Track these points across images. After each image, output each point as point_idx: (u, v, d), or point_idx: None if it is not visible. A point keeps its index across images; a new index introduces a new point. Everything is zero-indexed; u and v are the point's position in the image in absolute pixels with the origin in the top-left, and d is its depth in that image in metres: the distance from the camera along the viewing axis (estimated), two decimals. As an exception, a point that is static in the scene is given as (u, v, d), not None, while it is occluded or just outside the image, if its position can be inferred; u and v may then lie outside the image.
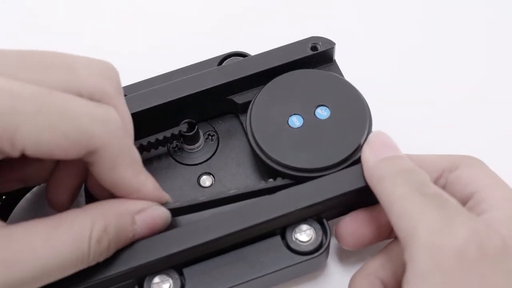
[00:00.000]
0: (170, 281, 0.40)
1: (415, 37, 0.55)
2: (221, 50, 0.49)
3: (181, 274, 0.40)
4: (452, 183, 0.40)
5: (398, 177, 0.37)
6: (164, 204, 0.40)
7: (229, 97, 0.46)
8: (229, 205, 0.42)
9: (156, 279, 0.40)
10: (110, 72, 0.38)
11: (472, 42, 0.55)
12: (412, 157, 0.41)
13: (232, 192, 0.42)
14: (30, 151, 0.33)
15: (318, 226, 0.41)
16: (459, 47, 0.54)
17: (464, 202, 0.39)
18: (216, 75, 0.46)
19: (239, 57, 0.48)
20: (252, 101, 0.45)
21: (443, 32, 0.55)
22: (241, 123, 0.47)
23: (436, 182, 0.41)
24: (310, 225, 0.41)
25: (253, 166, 0.46)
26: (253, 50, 0.48)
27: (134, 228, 0.38)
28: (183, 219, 0.43)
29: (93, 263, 0.36)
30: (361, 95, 0.45)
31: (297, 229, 0.41)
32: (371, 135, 0.41)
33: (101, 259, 0.36)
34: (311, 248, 0.41)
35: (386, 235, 0.42)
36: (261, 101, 0.45)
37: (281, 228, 0.41)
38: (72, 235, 0.34)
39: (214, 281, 0.40)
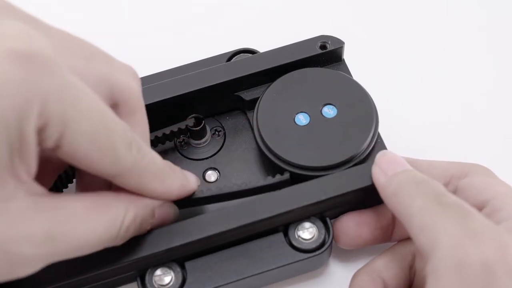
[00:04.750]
0: (172, 274, 0.40)
1: (426, 39, 0.55)
2: (231, 46, 0.49)
3: (183, 267, 0.40)
4: (463, 189, 0.40)
5: (413, 189, 0.37)
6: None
7: (236, 93, 0.46)
8: (232, 200, 0.42)
9: (158, 272, 0.40)
10: (137, 76, 0.38)
11: (485, 46, 0.55)
12: (420, 162, 0.41)
13: (241, 186, 0.42)
14: (64, 151, 0.32)
15: (321, 224, 0.41)
16: (470, 51, 0.54)
17: (477, 209, 0.37)
18: (225, 71, 0.46)
19: (248, 54, 0.49)
20: (260, 98, 0.45)
21: (454, 36, 0.55)
22: (248, 120, 0.47)
23: (445, 188, 0.40)
24: (313, 223, 0.41)
25: (259, 163, 0.46)
26: (262, 47, 0.48)
27: (152, 221, 0.39)
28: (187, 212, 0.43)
29: (113, 245, 0.37)
30: (369, 95, 0.45)
31: (300, 227, 0.41)
32: (377, 156, 0.40)
33: (120, 243, 0.37)
34: (313, 246, 0.41)
35: (385, 238, 0.42)
36: (269, 98, 0.45)
37: (284, 225, 0.41)
38: (107, 219, 0.35)
39: (216, 275, 0.40)
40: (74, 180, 0.43)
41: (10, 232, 0.31)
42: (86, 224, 0.34)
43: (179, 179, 0.39)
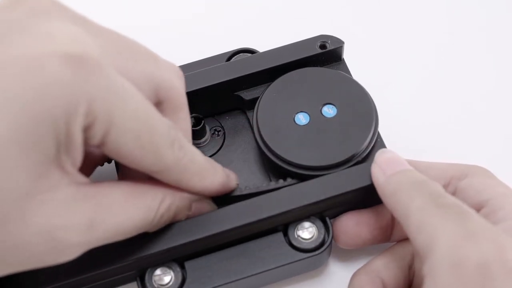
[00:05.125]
0: (172, 273, 0.40)
1: (426, 39, 0.55)
2: (230, 46, 0.49)
3: (182, 267, 0.41)
4: (463, 190, 0.40)
5: (411, 189, 0.37)
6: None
7: (236, 93, 0.46)
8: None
9: (158, 272, 0.40)
10: (181, 75, 0.39)
11: (484, 46, 0.55)
12: (420, 163, 0.41)
13: (278, 184, 0.42)
14: (108, 147, 0.34)
15: (321, 224, 0.41)
16: (470, 51, 0.54)
17: (476, 209, 0.38)
18: (225, 71, 0.46)
19: (247, 54, 0.49)
20: (259, 98, 0.45)
21: (454, 36, 0.55)
22: (248, 119, 0.47)
23: (444, 189, 0.40)
24: (313, 222, 0.41)
25: (259, 163, 0.46)
26: (262, 47, 0.48)
27: (189, 214, 0.39)
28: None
29: (147, 231, 0.38)
30: (369, 94, 0.45)
31: (299, 226, 0.41)
32: (376, 155, 0.41)
33: (153, 230, 0.38)
34: (313, 245, 0.41)
35: (384, 238, 0.42)
36: (268, 97, 0.45)
37: (283, 224, 0.41)
38: (144, 206, 0.36)
39: (215, 275, 0.40)
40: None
41: (55, 220, 0.32)
42: (124, 212, 0.35)
43: (219, 177, 0.40)
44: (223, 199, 0.41)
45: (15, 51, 0.30)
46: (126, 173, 0.40)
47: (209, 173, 0.39)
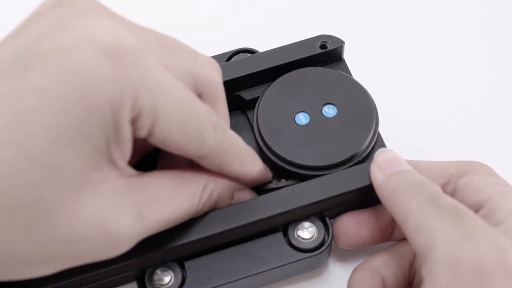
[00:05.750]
0: (172, 273, 0.40)
1: (426, 39, 0.55)
2: (230, 46, 0.49)
3: (182, 267, 0.41)
4: (462, 189, 0.40)
5: (410, 190, 0.37)
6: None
7: (237, 93, 0.46)
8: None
9: (158, 272, 0.40)
10: (219, 69, 0.40)
11: (485, 46, 0.55)
12: (419, 162, 0.41)
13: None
14: (155, 138, 0.34)
15: (321, 224, 0.41)
16: (470, 51, 0.54)
17: (475, 209, 0.38)
18: (225, 71, 0.45)
19: (247, 54, 0.49)
20: (260, 98, 0.45)
21: (454, 35, 0.55)
22: (248, 119, 0.47)
23: (444, 188, 0.40)
24: (313, 222, 0.41)
25: (260, 162, 0.46)
26: (261, 47, 0.48)
27: (230, 202, 0.40)
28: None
29: (190, 218, 0.39)
30: (369, 94, 0.45)
31: (299, 226, 0.41)
32: (376, 154, 0.41)
33: (196, 216, 0.39)
34: (312, 245, 0.41)
35: (384, 238, 0.42)
36: (269, 97, 0.45)
37: (283, 224, 0.41)
38: (189, 194, 0.37)
39: (215, 275, 0.40)
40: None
41: (107, 211, 0.33)
42: (172, 201, 0.36)
43: (259, 163, 0.41)
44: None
45: (57, 47, 0.31)
46: (167, 161, 0.41)
47: (249, 157, 0.40)
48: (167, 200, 0.36)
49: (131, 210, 0.34)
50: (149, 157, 0.42)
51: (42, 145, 0.30)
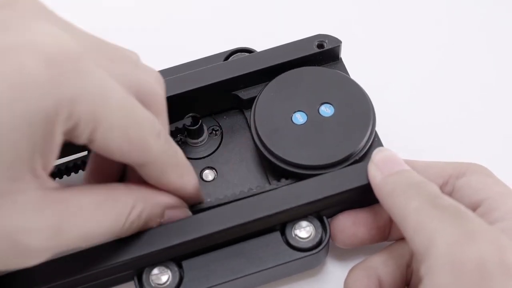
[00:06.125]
0: (169, 273, 0.40)
1: (424, 38, 0.55)
2: (227, 45, 0.49)
3: (180, 266, 0.41)
4: (460, 189, 0.40)
5: (409, 190, 0.37)
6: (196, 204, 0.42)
7: (234, 92, 0.46)
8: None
9: (155, 271, 0.40)
10: (161, 80, 0.39)
11: (484, 46, 0.55)
12: (418, 163, 0.41)
13: (249, 192, 0.42)
14: (96, 145, 0.34)
15: (318, 223, 0.41)
16: (469, 51, 0.54)
17: (472, 208, 0.38)
18: (222, 70, 0.46)
19: (245, 53, 0.49)
20: (257, 97, 0.45)
21: (453, 36, 0.55)
22: (246, 119, 0.47)
23: (442, 188, 0.40)
24: (310, 222, 0.41)
25: (256, 162, 0.46)
26: (258, 46, 0.48)
27: (160, 221, 0.39)
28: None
29: (117, 238, 0.38)
30: (366, 94, 0.45)
31: (296, 226, 0.41)
32: (374, 153, 0.41)
33: (124, 236, 0.38)
34: (310, 244, 0.41)
35: (382, 237, 0.42)
36: (266, 97, 0.45)
37: (281, 224, 0.41)
38: (114, 214, 0.36)
39: (213, 274, 0.40)
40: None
41: (18, 223, 0.32)
42: (93, 219, 0.35)
43: (195, 180, 0.40)
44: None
45: None
46: (96, 174, 0.40)
47: (188, 170, 0.40)
48: (88, 217, 0.35)
49: (47, 224, 0.33)
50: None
51: None
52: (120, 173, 0.40)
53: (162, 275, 0.40)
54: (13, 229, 0.32)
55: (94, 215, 0.35)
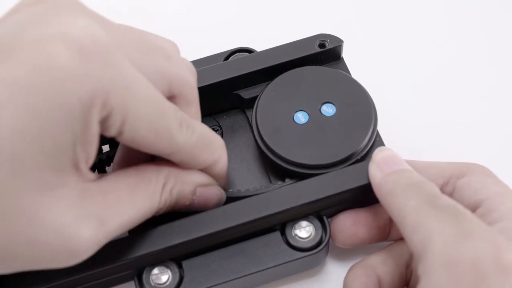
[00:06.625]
0: (169, 273, 0.40)
1: (426, 38, 0.55)
2: (227, 46, 0.49)
3: (180, 266, 0.41)
4: (460, 189, 0.40)
5: (408, 190, 0.37)
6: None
7: (235, 92, 0.46)
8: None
9: (155, 271, 0.40)
10: (194, 71, 0.40)
11: (485, 46, 0.54)
12: (418, 163, 0.41)
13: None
14: (124, 137, 0.34)
15: (318, 223, 0.42)
16: (470, 51, 0.54)
17: (472, 209, 0.38)
18: (224, 70, 0.46)
19: (245, 53, 0.49)
20: (259, 96, 0.45)
21: (454, 35, 0.55)
22: (247, 118, 0.47)
23: (442, 188, 0.40)
24: (310, 221, 0.41)
25: (257, 162, 0.46)
26: (259, 47, 0.48)
27: (192, 198, 0.40)
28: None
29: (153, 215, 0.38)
30: (368, 93, 0.45)
31: (296, 225, 0.41)
32: (375, 153, 0.41)
33: (158, 214, 0.38)
34: (310, 244, 0.41)
35: (382, 237, 0.42)
36: (267, 96, 0.45)
37: (281, 223, 0.41)
38: (149, 194, 0.37)
39: (213, 274, 0.40)
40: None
41: (66, 219, 0.33)
42: (132, 204, 0.36)
43: (225, 158, 0.41)
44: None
45: (32, 41, 0.31)
46: (126, 156, 0.40)
47: (218, 146, 0.40)
48: (127, 203, 0.36)
49: (91, 218, 0.33)
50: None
51: (7, 137, 0.30)
52: (149, 159, 0.41)
53: (162, 275, 0.40)
54: (60, 225, 0.32)
55: (131, 200, 0.36)
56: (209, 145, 0.39)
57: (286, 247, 0.41)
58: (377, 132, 0.44)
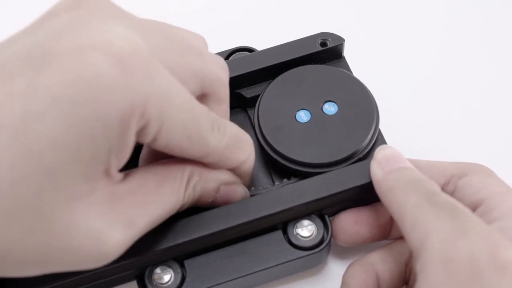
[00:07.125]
0: (171, 272, 0.40)
1: (427, 38, 0.55)
2: (227, 45, 0.49)
3: (182, 266, 0.41)
4: (461, 188, 0.40)
5: (407, 187, 0.37)
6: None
7: (237, 90, 0.46)
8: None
9: (157, 270, 0.40)
10: (226, 68, 0.40)
11: (486, 46, 0.54)
12: (420, 162, 0.41)
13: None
14: (158, 143, 0.34)
15: (320, 222, 0.42)
16: (471, 50, 0.54)
17: (473, 208, 0.38)
18: (226, 68, 0.46)
19: (245, 52, 0.48)
20: (261, 95, 0.45)
21: (455, 35, 0.55)
22: (249, 117, 0.47)
23: (444, 187, 0.40)
24: (312, 220, 0.41)
25: (259, 160, 0.46)
26: (259, 45, 0.48)
27: (215, 196, 0.40)
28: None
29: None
30: (369, 92, 0.45)
31: (298, 224, 0.41)
32: (376, 151, 0.41)
33: (180, 211, 0.39)
34: (312, 243, 0.41)
35: (383, 236, 0.42)
36: (269, 95, 0.45)
37: (282, 223, 0.41)
38: (175, 191, 0.37)
39: (215, 273, 0.40)
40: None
41: (100, 224, 0.33)
42: (158, 201, 0.36)
43: (253, 153, 0.41)
44: None
45: (71, 49, 0.31)
46: (152, 155, 0.40)
47: (248, 144, 0.40)
48: (154, 202, 0.36)
49: (121, 220, 0.34)
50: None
51: (47, 148, 0.30)
52: None
53: (164, 275, 0.40)
54: (95, 231, 0.33)
55: (157, 198, 0.36)
56: (239, 146, 0.39)
57: (288, 246, 0.41)
58: (379, 130, 0.44)
